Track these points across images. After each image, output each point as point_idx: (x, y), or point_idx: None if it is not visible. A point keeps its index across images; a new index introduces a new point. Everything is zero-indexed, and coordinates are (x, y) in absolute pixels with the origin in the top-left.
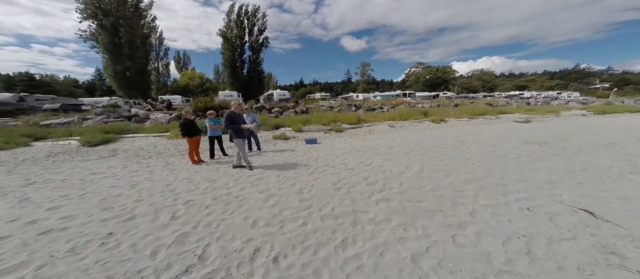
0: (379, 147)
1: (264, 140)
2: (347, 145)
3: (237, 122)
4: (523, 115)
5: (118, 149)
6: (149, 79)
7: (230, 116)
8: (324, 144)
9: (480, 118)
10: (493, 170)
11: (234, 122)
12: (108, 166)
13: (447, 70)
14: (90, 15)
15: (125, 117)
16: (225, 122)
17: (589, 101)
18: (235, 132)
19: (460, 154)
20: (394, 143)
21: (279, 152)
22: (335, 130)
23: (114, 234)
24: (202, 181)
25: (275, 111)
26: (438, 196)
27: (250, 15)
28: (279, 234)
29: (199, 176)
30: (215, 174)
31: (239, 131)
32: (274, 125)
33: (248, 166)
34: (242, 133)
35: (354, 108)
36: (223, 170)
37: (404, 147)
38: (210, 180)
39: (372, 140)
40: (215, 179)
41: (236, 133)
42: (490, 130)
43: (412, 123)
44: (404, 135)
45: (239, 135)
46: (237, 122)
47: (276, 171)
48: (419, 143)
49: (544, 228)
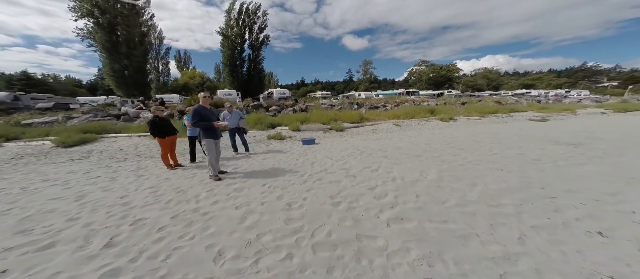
0: (385, 149)
1: (257, 140)
2: (348, 146)
3: (207, 118)
4: (537, 113)
5: (94, 150)
6: (148, 78)
7: (198, 111)
8: (322, 145)
9: (492, 117)
10: (529, 176)
11: (204, 118)
12: (69, 171)
13: (451, 68)
14: (86, 13)
15: (114, 116)
16: (192, 119)
17: (603, 99)
18: (206, 131)
19: (482, 157)
20: (402, 144)
21: (270, 154)
22: (335, 129)
23: (7, 273)
24: (168, 191)
25: (273, 109)
26: (468, 213)
27: (250, 13)
28: (251, 274)
29: (168, 184)
30: (188, 182)
31: (210, 130)
32: (269, 123)
33: (213, 174)
34: (214, 132)
35: (356, 107)
36: (200, 177)
37: (414, 149)
38: (179, 190)
39: (376, 141)
40: (186, 189)
41: (206, 133)
42: (507, 129)
43: (418, 122)
44: (412, 135)
45: (210, 134)
46: (208, 118)
47: (262, 179)
48: (431, 144)
49: (637, 265)
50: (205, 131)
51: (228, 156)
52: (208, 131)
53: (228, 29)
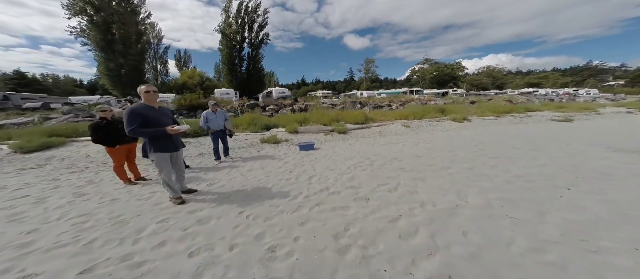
0: (400, 156)
1: (248, 144)
2: (354, 152)
3: (153, 122)
4: (556, 112)
5: (55, 157)
6: (145, 77)
7: (136, 113)
8: (323, 150)
9: (508, 117)
10: (613, 199)
11: (147, 122)
12: (1, 186)
13: (456, 66)
14: (79, 10)
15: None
16: (128, 125)
17: (618, 98)
18: (153, 141)
19: (530, 169)
20: (419, 150)
21: (259, 163)
22: (337, 131)
23: None
24: (102, 222)
25: (270, 109)
26: (555, 266)
27: (250, 11)
28: None
29: (107, 210)
30: (138, 207)
31: (159, 139)
32: (264, 125)
33: (173, 196)
34: (166, 142)
35: (359, 106)
36: (158, 197)
37: (436, 157)
38: (119, 220)
39: (387, 145)
40: (128, 218)
41: (154, 143)
42: (534, 131)
43: (429, 123)
44: (428, 139)
45: (160, 145)
46: (155, 123)
47: (240, 203)
48: (455, 151)
49: None
50: (153, 141)
51: (208, 165)
52: (156, 141)
53: (226, 27)
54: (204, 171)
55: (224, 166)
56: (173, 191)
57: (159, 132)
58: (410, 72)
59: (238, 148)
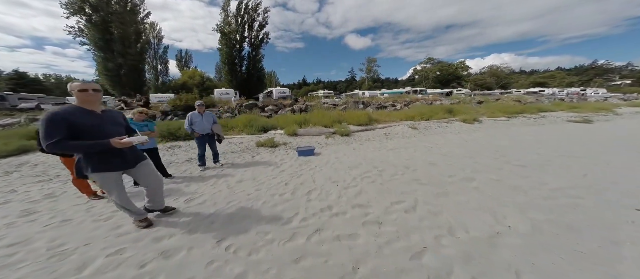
0: (412, 164)
1: (243, 149)
2: (359, 159)
3: (90, 132)
4: (572, 113)
5: (28, 163)
6: (144, 77)
7: (60, 119)
8: (324, 156)
9: (521, 118)
10: None
11: (80, 132)
12: None
13: (459, 66)
14: (77, 10)
15: None
16: (47, 137)
17: (630, 97)
18: (90, 157)
19: (570, 181)
20: (433, 157)
21: (251, 171)
22: (340, 133)
23: None
24: (39, 252)
25: (268, 109)
26: None
27: (250, 10)
28: None
29: (52, 235)
30: (94, 231)
31: (100, 155)
32: (261, 126)
33: (137, 219)
34: (111, 159)
35: (362, 106)
36: (120, 218)
37: (455, 166)
38: (60, 250)
39: (395, 150)
40: (72, 248)
41: (89, 161)
42: (554, 133)
43: (438, 124)
44: (439, 142)
45: (100, 164)
46: (91, 133)
47: (219, 229)
48: (475, 158)
49: None
50: (89, 157)
51: (194, 174)
52: (94, 157)
53: (226, 26)
54: (187, 182)
55: (211, 176)
56: (134, 214)
57: (98, 145)
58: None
59: (231, 153)
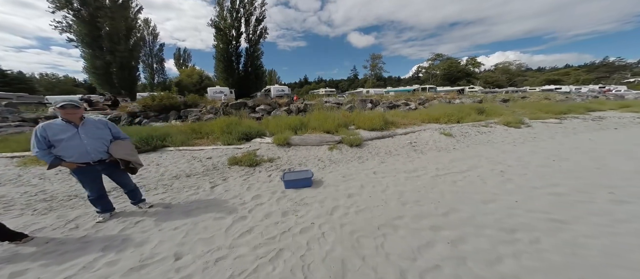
0: (510, 212)
1: (208, 168)
2: (388, 196)
3: None
4: (628, 113)
5: None
6: (135, 75)
7: None
8: (326, 187)
9: (571, 119)
10: None
11: None
12: None
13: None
14: (64, 4)
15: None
16: None
17: None
18: None
19: None
20: (538, 196)
21: (183, 229)
22: (348, 142)
23: None
24: None
25: (260, 110)
26: None
27: (246, 4)
28: None
29: None
30: None
31: None
32: (244, 133)
33: None
34: None
35: (371, 105)
36: None
37: (583, 218)
38: None
39: (442, 177)
40: None
41: None
42: None
43: (477, 129)
44: (501, 158)
45: None
46: None
47: None
48: (597, 193)
49: None
50: None
51: (88, 227)
52: None
53: (221, 20)
54: (68, 248)
55: (115, 233)
56: None
57: None
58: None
59: (185, 177)
